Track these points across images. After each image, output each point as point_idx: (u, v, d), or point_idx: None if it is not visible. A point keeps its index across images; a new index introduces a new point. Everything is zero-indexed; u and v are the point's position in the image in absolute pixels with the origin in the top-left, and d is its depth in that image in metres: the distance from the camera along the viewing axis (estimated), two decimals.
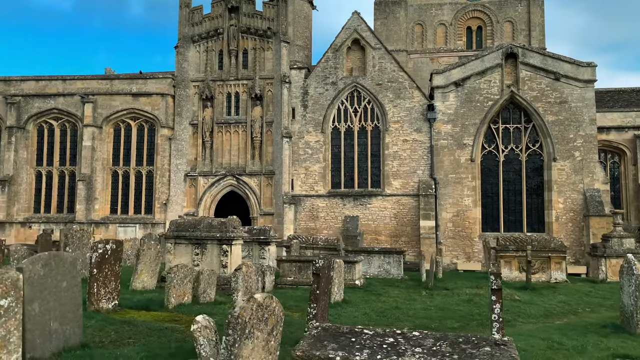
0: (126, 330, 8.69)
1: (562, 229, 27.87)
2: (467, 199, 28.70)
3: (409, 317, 11.25)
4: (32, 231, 31.06)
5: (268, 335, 4.37)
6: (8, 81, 32.58)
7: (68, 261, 6.72)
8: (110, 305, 9.98)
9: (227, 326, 4.01)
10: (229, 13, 31.89)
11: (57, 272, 6.52)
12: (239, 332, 3.96)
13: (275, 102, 30.83)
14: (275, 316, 4.46)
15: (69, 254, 6.87)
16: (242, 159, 31.11)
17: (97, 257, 9.77)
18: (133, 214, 31.50)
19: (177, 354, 6.80)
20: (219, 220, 15.51)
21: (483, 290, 15.63)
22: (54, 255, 6.52)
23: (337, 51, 30.73)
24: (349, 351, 5.49)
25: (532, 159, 29.05)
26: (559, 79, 28.49)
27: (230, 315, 4.03)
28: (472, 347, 5.63)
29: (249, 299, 4.16)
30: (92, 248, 9.75)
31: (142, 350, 7.00)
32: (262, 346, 4.26)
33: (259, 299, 4.20)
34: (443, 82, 29.36)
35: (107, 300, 9.95)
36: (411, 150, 29.32)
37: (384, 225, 29.25)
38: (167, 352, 6.89)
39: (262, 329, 4.25)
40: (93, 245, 9.79)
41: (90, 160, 31.26)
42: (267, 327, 4.34)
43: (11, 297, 5.36)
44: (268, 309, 4.35)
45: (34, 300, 6.06)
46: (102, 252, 9.87)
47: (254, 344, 4.14)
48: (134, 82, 31.99)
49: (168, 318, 9.82)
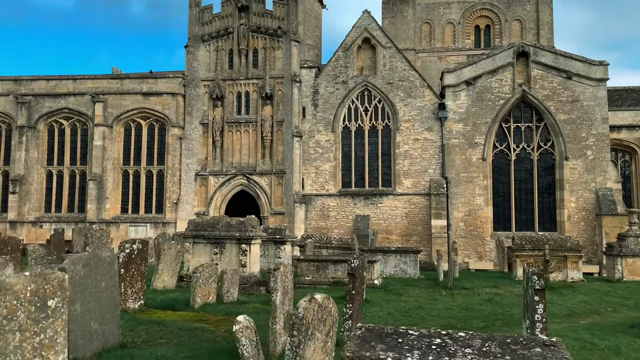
0: (156, 330, 8.68)
1: (574, 228, 27.77)
2: (478, 198, 28.62)
3: (434, 317, 11.21)
4: (43, 230, 31.13)
5: (326, 336, 4.34)
6: (19, 81, 32.64)
7: (106, 261, 6.71)
8: (137, 305, 9.98)
9: (292, 327, 3.98)
10: (239, 12, 31.86)
11: (97, 272, 6.51)
12: (304, 333, 3.94)
13: (286, 101, 30.80)
14: (332, 317, 4.43)
15: (107, 254, 6.85)
16: (253, 158, 31.10)
17: (124, 257, 9.76)
18: (144, 213, 31.52)
19: (217, 354, 6.77)
20: (238, 220, 15.51)
21: (502, 290, 15.60)
22: (94, 255, 6.51)
23: (347, 50, 30.67)
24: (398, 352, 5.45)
25: (544, 158, 28.96)
26: (570, 77, 28.39)
27: (295, 316, 4.01)
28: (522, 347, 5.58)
29: (310, 300, 4.14)
30: (120, 248, 9.75)
31: (181, 350, 6.98)
32: (321, 347, 4.24)
33: (319, 300, 4.17)
34: (454, 80, 29.29)
35: (134, 300, 9.94)
36: (422, 149, 29.26)
37: (395, 224, 29.20)
38: (206, 352, 6.86)
39: (321, 329, 4.22)
40: (120, 245, 9.78)
41: (101, 159, 31.30)
42: (325, 327, 4.31)
43: (58, 298, 5.35)
44: (326, 310, 4.32)
45: (75, 301, 6.05)
46: (129, 252, 9.87)
47: (315, 345, 4.11)
48: (145, 82, 32.01)
49: (195, 318, 9.82)
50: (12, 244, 15.47)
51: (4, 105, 32.49)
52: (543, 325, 6.64)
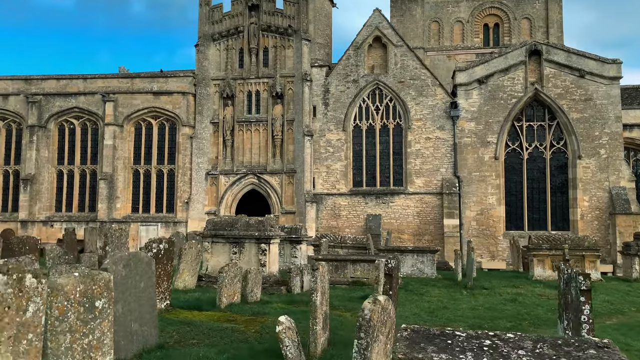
0: (187, 330, 8.62)
1: (587, 227, 27.63)
2: (491, 197, 28.50)
3: (460, 317, 11.13)
4: (54, 230, 31.13)
5: (386, 338, 4.27)
6: (29, 80, 32.65)
7: (145, 261, 6.65)
8: (163, 305, 9.91)
9: (359, 329, 3.90)
10: (249, 11, 31.79)
11: (136, 272, 6.45)
12: (371, 335, 3.86)
13: (296, 100, 30.71)
14: (391, 318, 4.36)
15: (145, 254, 6.79)
16: (263, 158, 31.04)
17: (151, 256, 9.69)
18: (154, 212, 31.50)
19: (258, 355, 6.70)
20: (256, 219, 15.44)
21: (523, 289, 15.51)
22: (133, 255, 6.45)
23: (358, 49, 30.58)
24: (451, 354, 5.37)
25: (557, 157, 28.81)
26: (583, 76, 28.24)
27: (362, 318, 3.93)
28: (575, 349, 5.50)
29: (375, 301, 4.06)
30: (147, 247, 9.69)
31: (220, 351, 6.92)
32: (382, 349, 4.17)
33: (382, 301, 4.10)
34: (466, 79, 29.16)
35: (160, 300, 9.87)
36: (434, 148, 29.15)
37: (407, 223, 29.11)
38: (246, 353, 6.79)
39: (383, 331, 4.15)
40: (147, 244, 9.72)
41: (112, 159, 31.29)
42: (385, 329, 4.24)
43: (105, 298, 5.29)
44: (386, 311, 4.25)
45: (117, 301, 5.99)
46: (155, 251, 9.80)
47: (378, 347, 4.04)
48: (155, 81, 31.98)
49: (223, 318, 9.75)
50: (30, 244, 15.45)
51: (15, 104, 32.51)
52: (590, 326, 6.55)
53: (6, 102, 32.58)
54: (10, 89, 32.61)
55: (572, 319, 6.87)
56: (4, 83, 32.77)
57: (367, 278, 15.36)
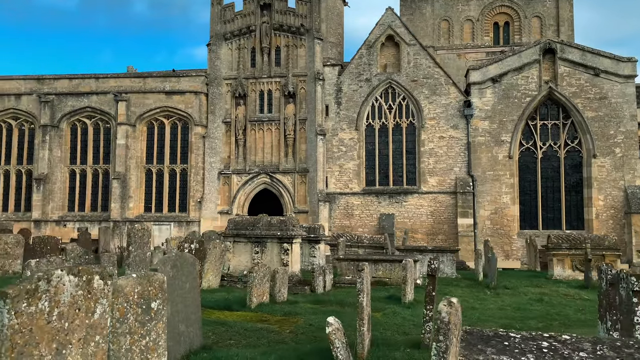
0: (222, 331, 8.58)
1: (602, 227, 27.48)
2: (505, 197, 28.38)
3: (490, 317, 11.06)
4: (67, 229, 31.17)
5: (456, 340, 4.20)
6: (41, 80, 32.68)
7: (190, 262, 6.60)
8: None
9: (438, 332, 3.84)
10: (261, 10, 31.74)
11: (182, 273, 6.41)
12: (449, 337, 3.80)
13: (309, 99, 30.65)
14: (460, 321, 4.29)
15: (190, 255, 6.74)
16: (276, 157, 30.99)
17: None
18: (167, 212, 31.50)
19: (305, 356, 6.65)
20: (278, 219, 15.42)
21: (546, 289, 15.42)
22: (179, 256, 6.40)
23: (371, 47, 30.49)
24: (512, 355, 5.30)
25: (571, 156, 28.67)
26: (598, 74, 28.08)
27: (440, 320, 3.86)
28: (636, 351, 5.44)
29: (450, 304, 4.00)
30: (179, 247, 9.66)
31: (263, 352, 6.86)
32: (454, 352, 4.10)
33: (455, 303, 4.04)
34: (480, 78, 29.05)
35: None
36: (448, 147, 29.05)
37: (420, 223, 29.02)
38: (293, 354, 6.74)
39: (455, 334, 4.08)
40: (179, 244, 9.70)
41: (124, 158, 31.30)
42: (457, 331, 4.18)
43: (159, 300, 5.24)
44: (458, 313, 4.19)
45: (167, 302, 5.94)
46: (187, 251, 9.78)
47: (454, 350, 3.98)
48: (167, 80, 31.97)
49: (255, 318, 9.71)
50: (51, 244, 15.45)
51: (27, 104, 32.56)
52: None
53: (19, 101, 32.63)
54: (23, 88, 32.66)
55: (622, 320, 6.78)
56: (17, 83, 32.82)
57: (389, 278, 15.30)
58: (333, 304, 11.87)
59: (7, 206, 32.65)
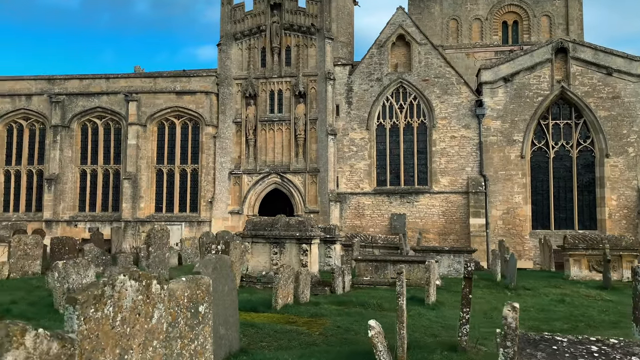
0: (252, 333, 8.55)
1: (615, 227, 27.36)
2: (517, 196, 28.28)
3: None
4: (78, 229, 31.21)
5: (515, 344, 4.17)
6: (52, 80, 32.74)
7: (228, 264, 6.58)
8: None
9: (505, 338, 3.80)
10: (271, 10, 31.70)
11: (221, 275, 6.38)
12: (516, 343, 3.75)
13: (320, 99, 30.61)
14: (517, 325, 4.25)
15: (227, 257, 6.71)
16: (286, 157, 30.96)
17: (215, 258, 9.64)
18: (178, 212, 31.52)
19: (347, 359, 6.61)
20: (296, 219, 15.39)
21: (566, 290, 15.35)
22: (219, 258, 6.37)
23: (381, 47, 30.42)
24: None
25: (583, 155, 28.55)
26: (611, 73, 27.95)
27: (506, 326, 3.83)
28: None
29: (513, 309, 3.96)
30: (206, 249, 9.64)
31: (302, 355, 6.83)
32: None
33: (517, 308, 3.99)
34: (491, 77, 28.95)
35: None
36: (459, 147, 28.96)
37: (432, 223, 28.95)
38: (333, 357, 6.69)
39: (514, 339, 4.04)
40: (207, 246, 9.67)
41: (135, 158, 31.32)
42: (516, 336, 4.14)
43: (206, 303, 5.22)
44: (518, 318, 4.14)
45: None
46: (214, 252, 9.75)
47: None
48: (177, 80, 31.97)
49: (283, 320, 9.68)
50: (69, 244, 15.45)
51: (38, 104, 32.62)
52: None
53: (29, 101, 32.70)
54: (34, 88, 32.72)
55: None
56: (27, 83, 32.89)
57: (409, 279, 15.22)
58: (356, 306, 11.82)
59: (18, 206, 32.73)
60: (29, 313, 9.31)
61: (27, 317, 9.01)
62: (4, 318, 8.96)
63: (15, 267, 14.16)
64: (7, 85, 32.95)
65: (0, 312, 9.21)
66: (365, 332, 9.24)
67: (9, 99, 32.76)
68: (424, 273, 15.49)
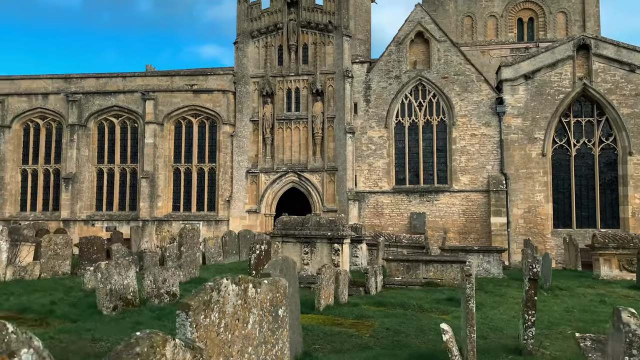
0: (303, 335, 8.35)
1: (638, 225, 27.00)
2: (538, 195, 27.97)
3: (561, 320, 10.77)
4: (95, 229, 31.14)
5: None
6: (69, 79, 32.68)
7: (292, 265, 6.39)
8: None
9: (630, 346, 3.59)
10: (288, 7, 31.50)
11: (286, 277, 6.18)
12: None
13: (337, 97, 30.39)
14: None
15: (291, 259, 6.52)
16: (304, 155, 30.77)
17: (254, 258, 9.48)
18: (196, 211, 31.39)
19: None
20: (327, 219, 15.17)
21: (602, 290, 15.09)
22: (284, 259, 6.19)
23: (400, 44, 30.15)
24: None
25: (606, 153, 28.20)
26: (634, 70, 27.59)
27: (631, 333, 3.62)
28: None
29: (632, 315, 3.74)
30: (251, 249, 9.47)
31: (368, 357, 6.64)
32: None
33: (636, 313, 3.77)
34: (512, 74, 28.64)
35: None
36: (480, 145, 28.67)
37: (452, 222, 28.68)
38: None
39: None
40: (251, 246, 9.50)
41: (153, 157, 31.22)
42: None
43: (284, 306, 5.02)
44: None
45: None
46: (258, 253, 9.60)
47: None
48: (194, 79, 31.84)
49: (328, 321, 9.49)
50: (97, 244, 15.32)
51: (55, 103, 32.57)
52: None
53: (46, 100, 32.65)
54: (50, 87, 32.68)
55: None
56: (44, 82, 32.85)
57: (441, 279, 15.02)
58: (395, 307, 11.60)
59: (35, 205, 32.72)
60: (72, 315, 9.16)
61: (71, 319, 8.88)
62: (47, 319, 8.80)
63: (46, 267, 14.05)
64: (24, 84, 32.92)
65: (43, 313, 9.06)
66: (416, 335, 9.08)
67: (26, 98, 32.73)
68: (457, 273, 15.28)
